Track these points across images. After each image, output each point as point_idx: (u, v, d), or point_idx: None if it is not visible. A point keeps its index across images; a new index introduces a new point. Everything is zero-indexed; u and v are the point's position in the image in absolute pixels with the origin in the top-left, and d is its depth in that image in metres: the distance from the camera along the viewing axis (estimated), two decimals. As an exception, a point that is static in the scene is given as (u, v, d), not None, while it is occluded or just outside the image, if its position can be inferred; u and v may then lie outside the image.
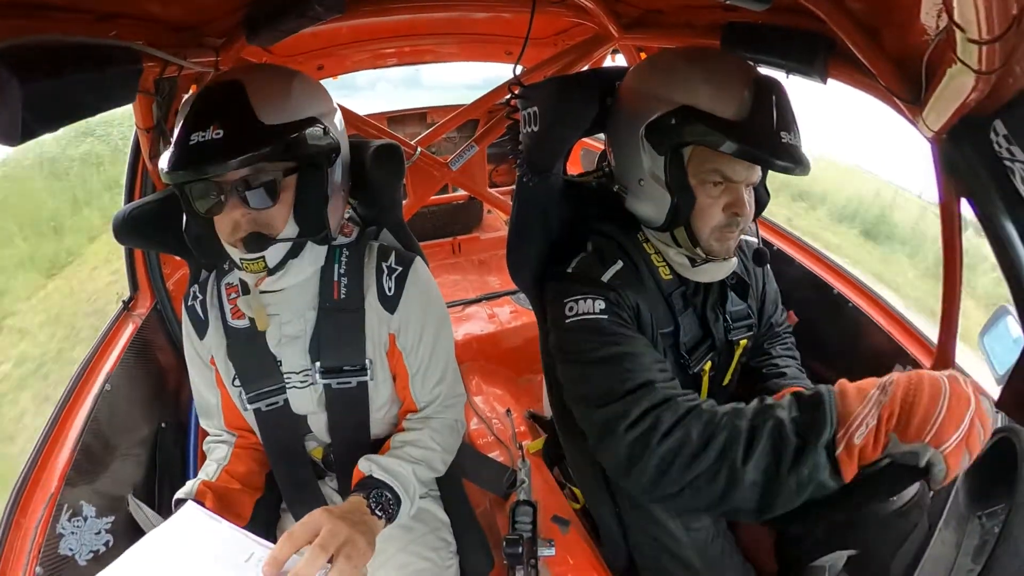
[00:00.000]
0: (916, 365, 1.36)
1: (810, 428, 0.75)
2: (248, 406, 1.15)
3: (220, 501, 1.09)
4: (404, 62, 2.61)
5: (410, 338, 1.14)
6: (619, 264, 1.05)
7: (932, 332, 1.30)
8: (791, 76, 1.19)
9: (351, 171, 1.17)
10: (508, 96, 1.25)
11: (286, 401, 1.15)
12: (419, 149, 2.29)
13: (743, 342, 1.21)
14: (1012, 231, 0.91)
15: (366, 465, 1.03)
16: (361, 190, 1.21)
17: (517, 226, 1.22)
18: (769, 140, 0.90)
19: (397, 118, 3.39)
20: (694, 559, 1.10)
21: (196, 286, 1.20)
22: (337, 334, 1.12)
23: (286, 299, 1.11)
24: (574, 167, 2.82)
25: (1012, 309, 0.96)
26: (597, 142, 2.75)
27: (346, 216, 1.21)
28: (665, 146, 0.96)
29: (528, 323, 2.33)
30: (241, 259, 1.00)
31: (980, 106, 0.83)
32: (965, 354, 1.15)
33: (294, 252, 1.04)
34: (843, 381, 0.79)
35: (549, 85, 1.15)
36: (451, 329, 1.22)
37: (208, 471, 1.16)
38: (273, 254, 1.00)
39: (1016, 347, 0.97)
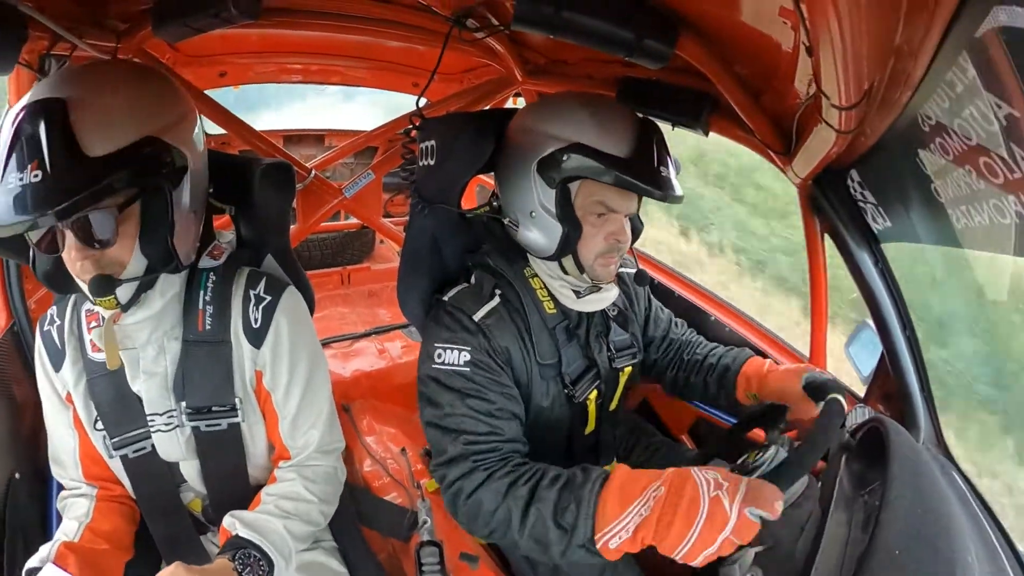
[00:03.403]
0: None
1: (570, 527, 0.83)
2: (114, 453, 1.00)
3: (85, 565, 0.92)
4: (309, 80, 2.51)
5: (278, 377, 1.02)
6: (495, 301, 1.07)
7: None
8: (676, 128, 1.38)
9: (239, 187, 1.08)
10: (409, 127, 1.24)
11: (154, 447, 1.01)
12: (313, 172, 2.17)
13: (627, 369, 1.25)
14: (868, 260, 1.12)
15: (229, 522, 0.94)
16: (246, 209, 1.12)
17: (409, 257, 1.22)
18: (651, 174, 0.98)
19: (294, 137, 3.24)
20: None
21: (54, 308, 1.04)
22: (203, 370, 0.99)
23: (144, 330, 0.96)
24: (469, 202, 2.90)
25: (871, 323, 1.16)
26: (491, 178, 2.79)
27: (225, 240, 1.10)
28: (556, 180, 1.00)
29: None
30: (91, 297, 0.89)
31: (839, 158, 1.01)
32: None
33: (147, 284, 0.93)
34: (613, 477, 0.85)
35: (448, 120, 1.20)
36: (326, 368, 1.12)
37: (68, 531, 0.99)
38: (124, 291, 0.89)
39: (876, 353, 1.18)
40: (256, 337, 1.00)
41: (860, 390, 1.28)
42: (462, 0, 1.26)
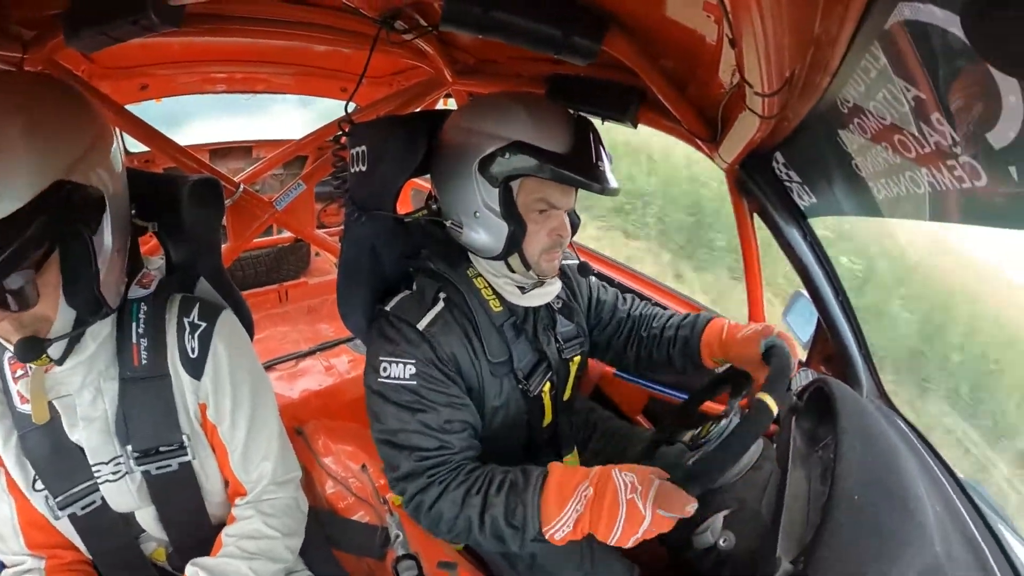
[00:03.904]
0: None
1: (520, 524, 0.92)
2: (60, 513, 0.91)
3: None
4: (234, 89, 2.38)
5: (222, 408, 0.97)
6: (439, 306, 1.07)
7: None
8: (606, 122, 1.42)
9: (165, 208, 1.02)
10: (338, 133, 1.20)
11: (104, 499, 0.95)
12: (242, 186, 2.07)
13: (576, 359, 1.28)
14: (796, 235, 1.21)
15: (192, 571, 0.90)
16: (175, 231, 1.06)
17: (347, 268, 1.19)
18: (591, 168, 1.00)
19: (220, 151, 3.06)
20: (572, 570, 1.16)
21: None
22: (145, 408, 0.93)
23: (78, 374, 0.89)
24: (404, 207, 2.86)
25: (805, 293, 1.26)
26: (426, 182, 2.78)
27: (154, 266, 1.04)
28: (499, 179, 1.01)
29: None
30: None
31: (763, 142, 1.08)
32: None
33: (79, 336, 0.86)
34: (551, 478, 0.93)
35: (378, 125, 1.16)
36: (271, 394, 1.08)
37: None
38: (56, 349, 0.83)
39: (812, 320, 1.28)
40: (195, 368, 0.94)
41: (801, 353, 1.39)
42: (390, 1, 1.23)
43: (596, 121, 1.22)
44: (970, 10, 0.44)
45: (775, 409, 0.89)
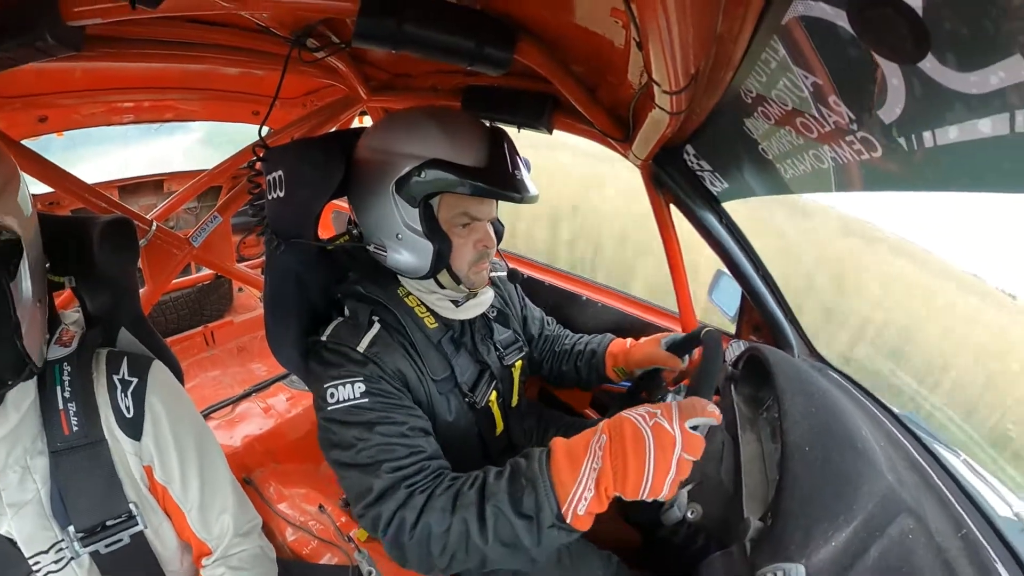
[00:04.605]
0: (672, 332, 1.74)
1: (533, 512, 0.79)
2: None
3: None
4: (143, 119, 2.19)
5: (169, 467, 0.91)
6: (375, 328, 1.05)
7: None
8: (522, 130, 1.47)
9: (76, 254, 0.94)
10: (252, 159, 1.16)
11: None
12: (155, 224, 1.95)
13: (519, 364, 1.30)
14: (712, 219, 1.30)
15: None
16: (88, 279, 0.98)
17: (273, 301, 1.15)
18: (509, 179, 1.02)
19: (130, 187, 2.83)
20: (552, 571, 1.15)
21: None
22: (83, 481, 0.84)
23: None
24: (326, 231, 2.77)
25: (726, 271, 1.36)
26: (346, 203, 2.71)
27: (71, 320, 0.95)
28: (417, 198, 1.00)
29: (310, 406, 2.07)
30: None
31: (674, 137, 1.15)
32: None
33: None
34: (555, 447, 0.84)
35: (293, 148, 1.14)
36: (215, 442, 1.04)
37: None
38: None
39: (737, 295, 1.39)
40: (133, 428, 0.86)
41: (729, 327, 1.50)
42: (301, 19, 1.19)
43: (512, 130, 1.26)
44: (854, 6, 0.50)
45: (723, 357, 1.01)
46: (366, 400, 0.96)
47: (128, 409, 0.86)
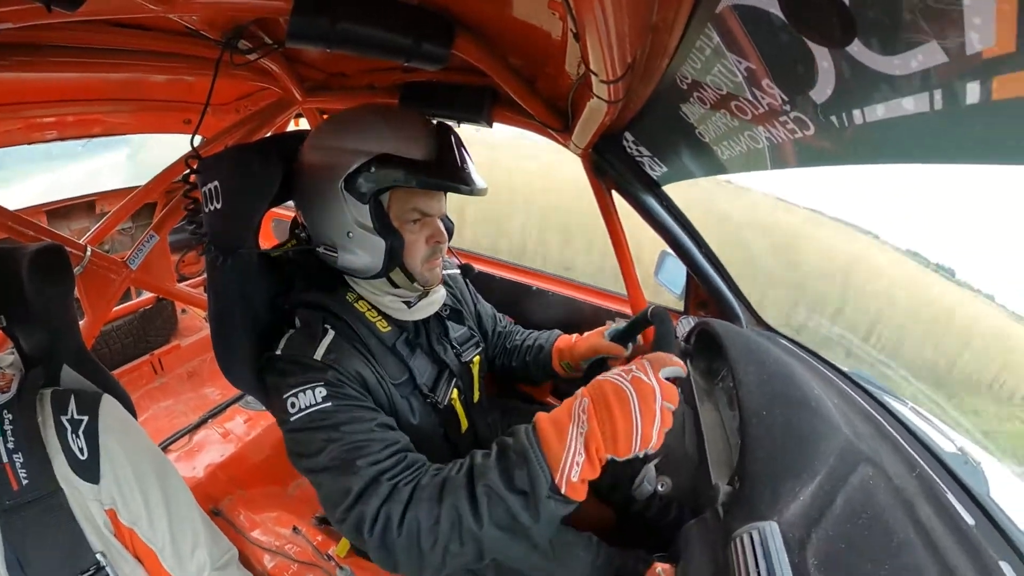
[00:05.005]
0: (622, 315, 1.80)
1: (528, 486, 0.78)
2: None
3: None
4: (66, 135, 2.00)
5: (134, 507, 0.87)
6: (330, 335, 1.03)
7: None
8: (462, 124, 1.46)
9: (3, 290, 0.88)
10: (186, 172, 1.11)
11: None
12: (89, 249, 1.80)
13: (476, 359, 1.30)
14: (653, 202, 1.35)
15: None
16: (21, 316, 0.91)
17: (218, 319, 1.10)
18: (458, 172, 1.02)
19: (59, 211, 2.59)
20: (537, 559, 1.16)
21: None
22: (42, 539, 0.78)
23: None
24: (266, 241, 2.64)
25: (670, 251, 1.41)
26: (287, 210, 2.65)
27: (6, 363, 0.88)
28: (368, 195, 0.99)
29: (269, 425, 2.08)
30: None
31: (612, 125, 1.19)
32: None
33: None
34: (539, 419, 0.83)
35: (228, 156, 1.09)
36: (178, 475, 0.99)
37: None
38: None
39: (682, 274, 1.45)
40: (89, 471, 0.80)
41: (677, 305, 1.56)
42: (232, 20, 1.12)
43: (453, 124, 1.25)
44: (785, -6, 0.54)
45: (673, 334, 1.05)
46: (329, 404, 0.93)
47: (82, 451, 0.80)
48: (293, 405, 0.93)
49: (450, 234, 1.19)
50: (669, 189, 1.35)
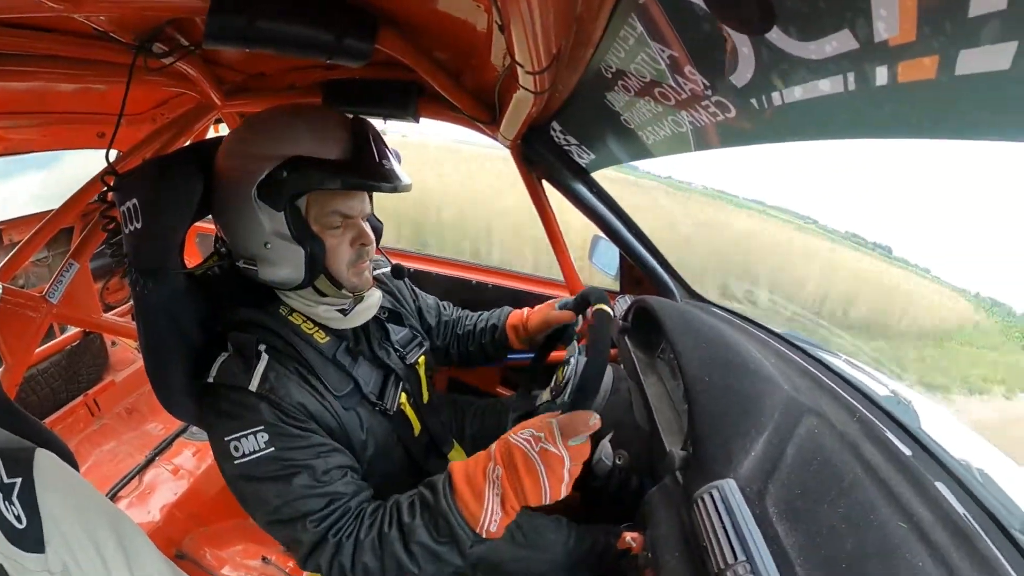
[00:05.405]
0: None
1: (452, 539, 0.86)
2: None
3: None
4: None
5: (91, 569, 0.79)
6: (264, 360, 0.97)
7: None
8: (388, 121, 1.43)
9: None
10: (103, 190, 1.03)
11: None
12: (0, 286, 1.63)
13: (422, 359, 1.27)
14: (583, 189, 1.39)
15: None
16: None
17: (150, 348, 1.04)
18: (377, 169, 0.97)
19: None
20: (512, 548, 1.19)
21: None
22: None
23: None
24: (192, 258, 2.46)
25: (602, 235, 1.46)
26: (211, 223, 2.44)
27: None
28: (282, 201, 0.94)
29: None
30: None
31: (540, 116, 1.21)
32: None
33: None
34: (457, 482, 0.88)
35: (146, 170, 1.01)
36: (132, 523, 0.92)
37: None
38: None
39: (615, 255, 1.50)
40: (31, 540, 0.72)
41: (613, 285, 1.62)
42: (145, 21, 1.03)
43: (378, 122, 1.21)
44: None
45: (610, 310, 1.07)
46: (271, 450, 0.91)
47: (19, 519, 0.71)
48: (236, 449, 0.91)
49: (378, 234, 1.16)
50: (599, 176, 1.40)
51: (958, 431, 1.33)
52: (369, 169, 0.97)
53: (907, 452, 0.77)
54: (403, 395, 1.18)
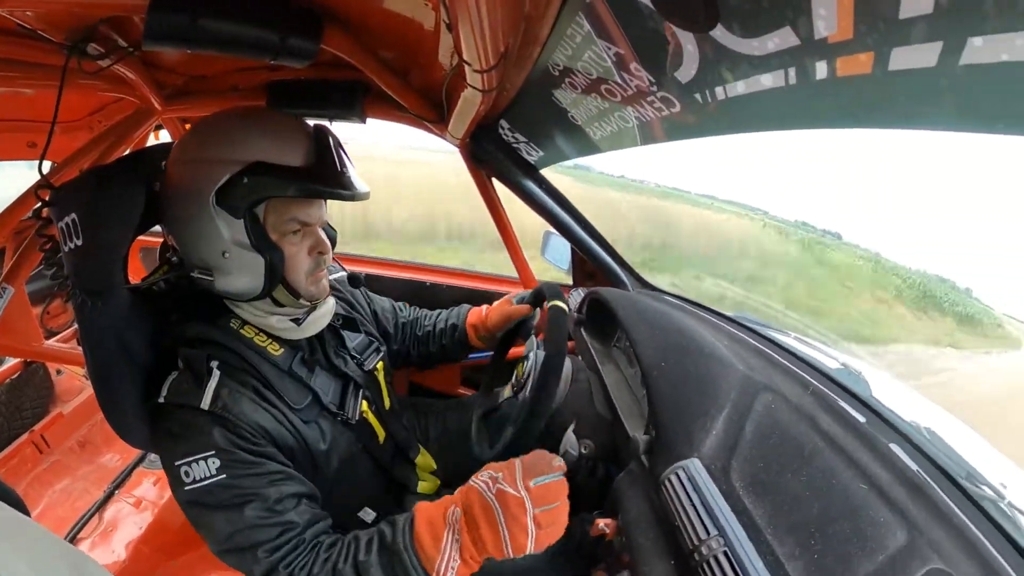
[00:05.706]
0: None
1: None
2: None
3: None
4: None
5: None
6: (216, 377, 0.94)
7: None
8: (335, 121, 1.38)
9: None
10: (37, 206, 0.95)
11: None
12: None
13: (380, 365, 1.25)
14: (533, 185, 1.40)
15: None
16: None
17: (98, 373, 0.97)
18: (337, 177, 0.96)
19: None
20: None
21: None
22: None
23: None
24: (136, 274, 2.29)
25: (553, 230, 1.48)
26: (155, 236, 2.28)
27: None
28: (242, 208, 0.91)
29: None
30: None
31: (488, 114, 1.21)
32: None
33: None
34: (417, 523, 0.86)
35: (84, 182, 0.94)
36: (95, 564, 0.81)
37: None
38: None
39: (567, 250, 1.53)
40: None
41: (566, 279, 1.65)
42: (78, 20, 0.94)
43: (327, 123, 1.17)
44: (651, -17, 0.59)
45: (566, 307, 1.07)
46: (223, 476, 0.87)
47: None
48: (188, 474, 0.87)
49: (333, 243, 1.12)
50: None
51: (907, 396, 1.45)
52: (332, 177, 0.95)
53: (861, 419, 0.83)
54: (364, 403, 1.16)
